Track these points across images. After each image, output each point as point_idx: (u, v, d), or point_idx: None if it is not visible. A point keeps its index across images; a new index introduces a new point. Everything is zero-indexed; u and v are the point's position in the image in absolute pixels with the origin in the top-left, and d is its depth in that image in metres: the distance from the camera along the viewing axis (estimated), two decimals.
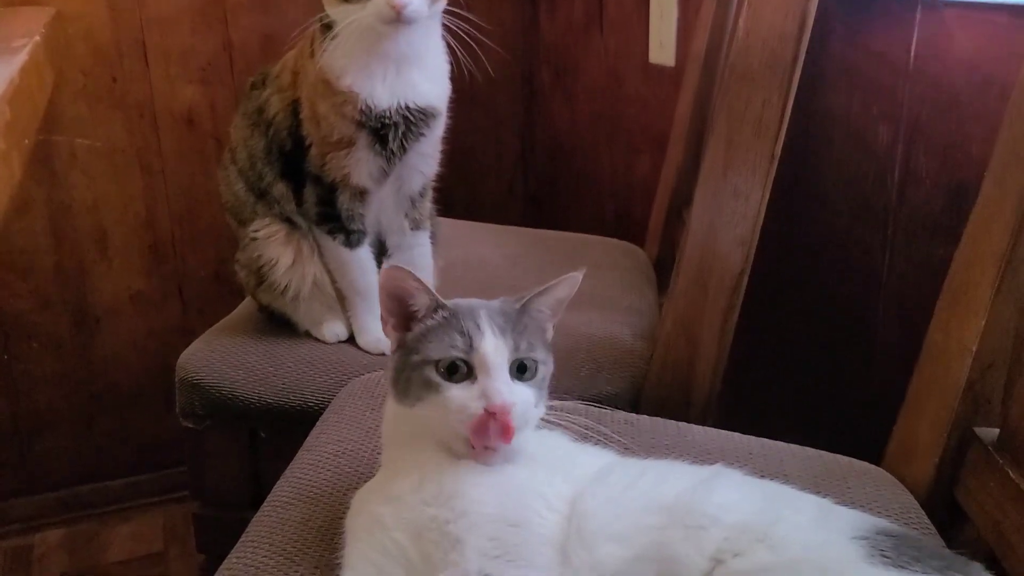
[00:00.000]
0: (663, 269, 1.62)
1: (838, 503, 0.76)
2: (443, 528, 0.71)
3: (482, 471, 0.74)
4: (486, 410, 0.72)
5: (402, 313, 0.78)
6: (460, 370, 0.74)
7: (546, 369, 0.79)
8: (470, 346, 0.74)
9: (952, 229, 0.94)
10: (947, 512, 0.92)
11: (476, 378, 0.74)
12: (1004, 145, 0.88)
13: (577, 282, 0.80)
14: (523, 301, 0.79)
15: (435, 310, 0.78)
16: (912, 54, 1.23)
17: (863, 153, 1.34)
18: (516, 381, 0.75)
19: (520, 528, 0.71)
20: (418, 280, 0.77)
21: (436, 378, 0.74)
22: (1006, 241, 0.84)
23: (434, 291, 0.77)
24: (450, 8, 1.19)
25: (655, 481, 0.75)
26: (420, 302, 0.78)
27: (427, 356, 0.75)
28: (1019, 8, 1.05)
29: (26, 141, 0.85)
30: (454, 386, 0.74)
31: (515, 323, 0.77)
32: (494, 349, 0.74)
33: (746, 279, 1.20)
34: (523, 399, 0.74)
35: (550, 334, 0.82)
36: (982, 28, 1.14)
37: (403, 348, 0.78)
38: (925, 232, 1.24)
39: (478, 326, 0.75)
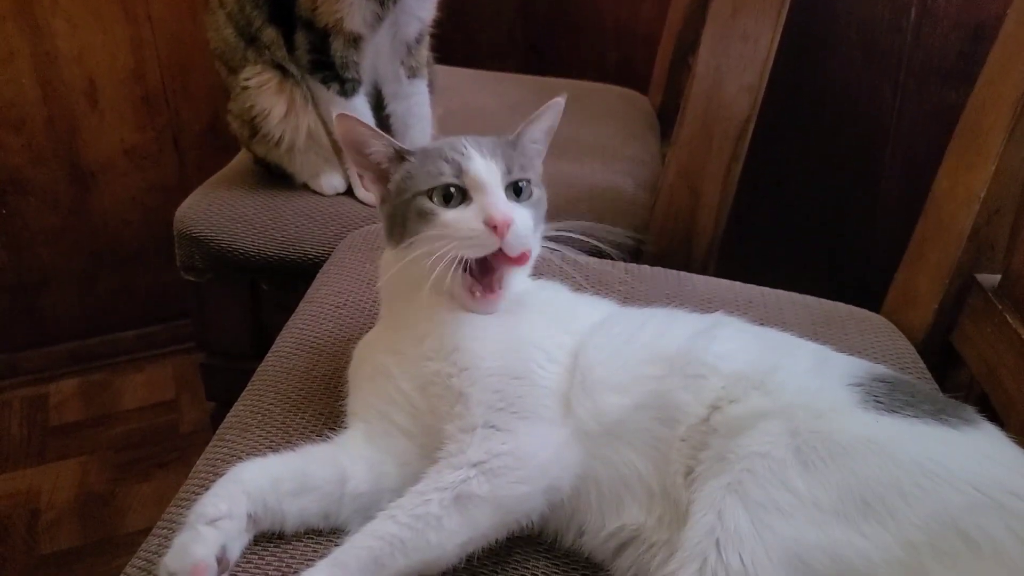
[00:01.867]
0: (667, 117, 1.58)
1: (836, 350, 0.77)
2: (447, 383, 0.72)
3: (482, 324, 0.74)
4: (486, 224, 0.71)
5: (369, 164, 0.77)
6: (454, 196, 0.73)
7: (541, 194, 0.78)
8: (460, 170, 0.73)
9: (967, 73, 0.91)
10: (942, 357, 0.93)
11: (471, 200, 0.73)
12: None
13: (561, 107, 0.79)
14: (516, 134, 0.78)
15: (402, 157, 0.76)
16: None
17: None
18: (512, 202, 0.74)
19: (523, 380, 0.71)
20: (370, 127, 0.75)
21: (430, 206, 0.73)
22: (1022, 84, 0.82)
23: (390, 137, 0.76)
24: None
25: (656, 332, 0.75)
26: (375, 148, 0.76)
27: (417, 189, 0.74)
28: None
29: None
30: (451, 210, 0.73)
31: (505, 149, 0.76)
32: (485, 169, 0.73)
33: (752, 127, 1.17)
34: (522, 218, 0.73)
35: (539, 170, 0.81)
36: None
37: (389, 199, 0.77)
38: (938, 77, 1.20)
39: (463, 152, 0.74)
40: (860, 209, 1.39)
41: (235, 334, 1.34)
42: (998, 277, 0.87)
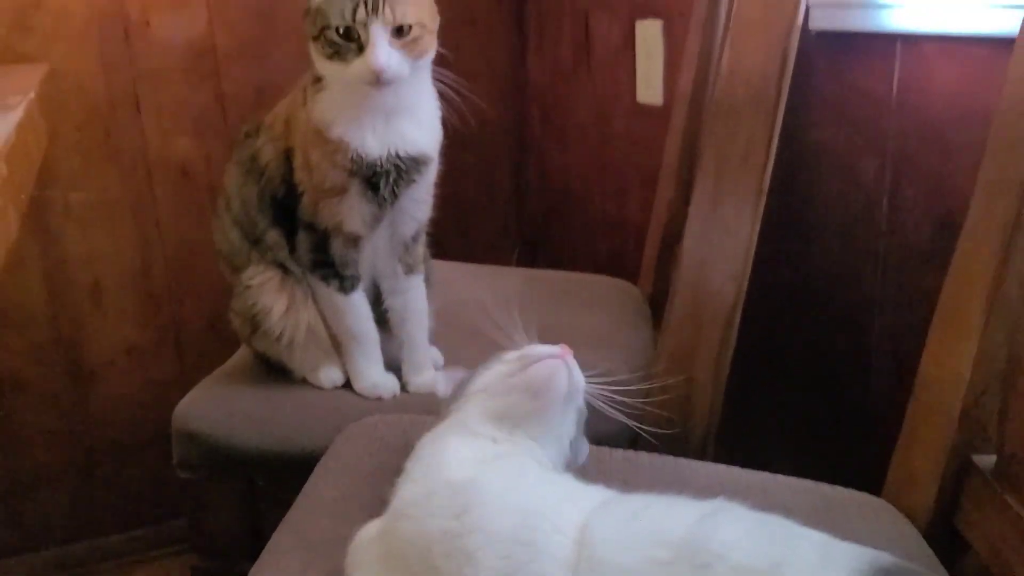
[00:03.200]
0: (657, 305, 1.62)
1: (839, 536, 0.75)
2: (454, 543, 0.71)
3: (494, 488, 0.75)
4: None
5: None
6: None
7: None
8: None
9: (942, 257, 0.95)
10: (948, 541, 0.92)
11: None
12: (987, 175, 0.89)
13: None
14: None
15: None
16: (895, 88, 1.25)
17: (851, 185, 1.36)
18: None
19: (533, 548, 0.70)
20: None
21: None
22: (993, 268, 0.85)
23: None
24: (439, 68, 1.20)
25: (660, 514, 0.75)
26: None
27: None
28: (996, 40, 1.07)
29: (23, 196, 0.86)
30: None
31: None
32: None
33: (739, 313, 1.20)
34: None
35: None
36: (962, 61, 1.17)
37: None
38: (915, 261, 1.25)
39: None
40: (854, 388, 1.40)
41: (230, 533, 1.31)
42: (994, 457, 0.88)
